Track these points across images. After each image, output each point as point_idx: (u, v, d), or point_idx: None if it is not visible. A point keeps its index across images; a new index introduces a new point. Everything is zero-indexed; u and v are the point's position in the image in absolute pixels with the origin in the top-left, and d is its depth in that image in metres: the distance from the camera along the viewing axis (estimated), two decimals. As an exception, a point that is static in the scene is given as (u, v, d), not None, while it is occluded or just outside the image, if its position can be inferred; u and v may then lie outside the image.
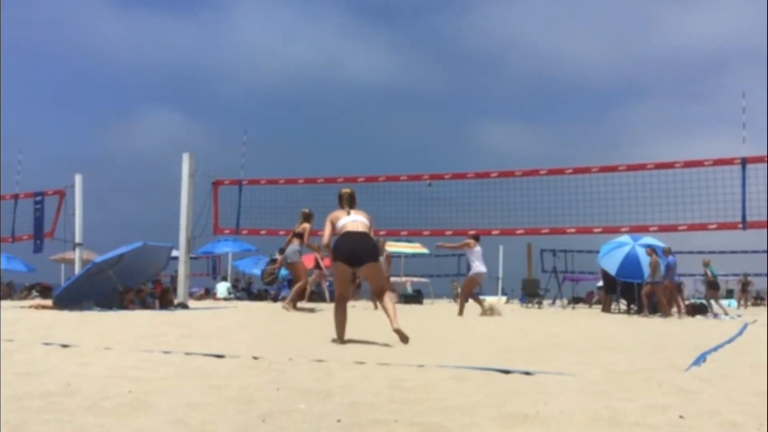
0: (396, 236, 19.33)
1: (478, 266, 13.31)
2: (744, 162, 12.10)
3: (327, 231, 6.75)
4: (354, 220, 6.66)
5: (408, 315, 12.60)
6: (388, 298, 6.79)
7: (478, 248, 13.30)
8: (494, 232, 14.18)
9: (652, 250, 15.43)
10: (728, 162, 12.37)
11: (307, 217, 12.11)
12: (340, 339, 6.46)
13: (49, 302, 13.04)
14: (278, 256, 15.95)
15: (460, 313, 12.77)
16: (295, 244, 12.12)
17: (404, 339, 6.37)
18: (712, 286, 17.99)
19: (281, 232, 15.14)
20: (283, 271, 16.78)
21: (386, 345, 6.19)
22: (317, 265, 18.10)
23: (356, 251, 6.52)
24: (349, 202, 6.86)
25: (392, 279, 23.93)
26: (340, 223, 6.65)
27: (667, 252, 15.86)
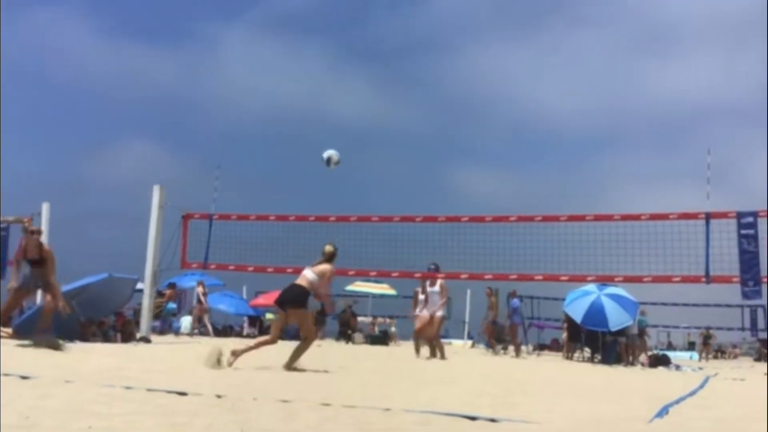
0: (365, 276, 19.32)
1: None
2: (708, 217, 12.36)
3: None
4: (302, 273, 8.06)
5: (374, 356, 12.54)
6: (303, 344, 7.92)
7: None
8: (463, 276, 14.25)
9: (491, 290, 17.42)
10: (693, 216, 12.62)
11: None
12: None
13: (8, 331, 12.75)
14: (167, 290, 15.84)
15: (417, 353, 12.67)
16: None
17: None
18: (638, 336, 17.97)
19: (250, 268, 15.07)
20: (170, 305, 16.57)
21: (352, 386, 6.15)
22: (198, 300, 18.67)
23: (282, 297, 8.03)
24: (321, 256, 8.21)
25: (359, 318, 23.83)
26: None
27: (512, 295, 17.33)
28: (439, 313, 12.80)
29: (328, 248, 8.28)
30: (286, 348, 8.27)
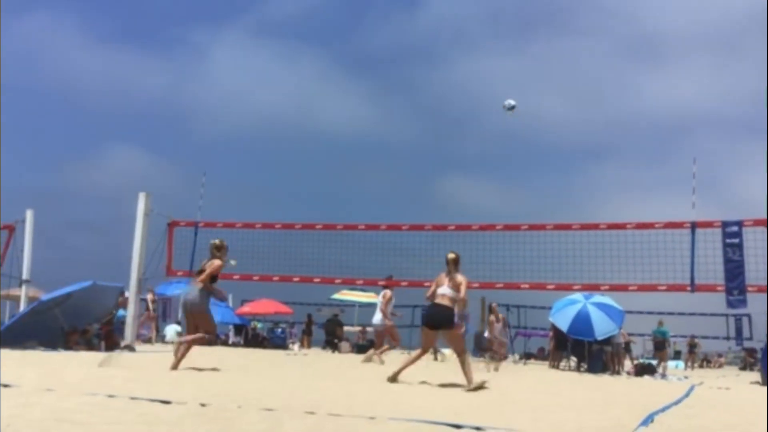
0: (351, 285, 19.25)
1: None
2: (694, 226, 12.41)
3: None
4: (439, 292, 8.13)
5: (360, 365, 12.49)
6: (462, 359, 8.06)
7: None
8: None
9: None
10: (678, 225, 12.67)
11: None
12: None
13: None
14: (120, 298, 15.60)
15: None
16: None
17: None
18: (659, 347, 18.28)
19: (236, 276, 14.98)
20: (121, 312, 16.36)
21: (337, 395, 6.11)
22: (146, 307, 18.81)
23: (431, 321, 8.32)
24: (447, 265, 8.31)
25: (345, 328, 23.76)
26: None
27: None
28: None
29: (451, 255, 8.41)
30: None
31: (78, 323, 12.49)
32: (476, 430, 4.25)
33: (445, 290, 8.11)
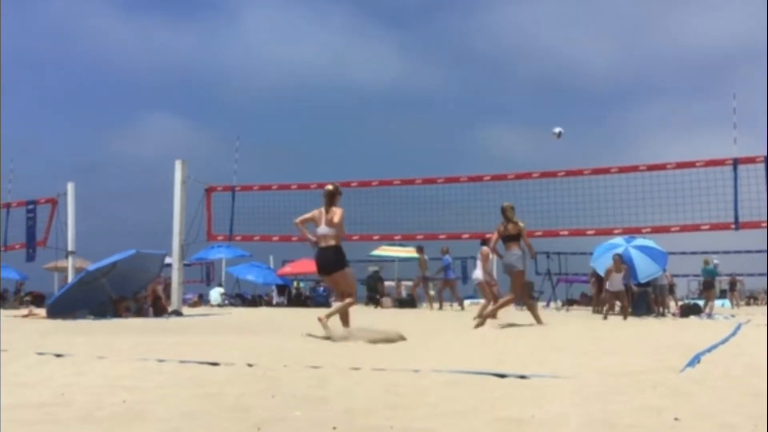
0: (389, 240, 19.35)
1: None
2: (736, 162, 12.16)
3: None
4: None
5: (403, 319, 12.60)
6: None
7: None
8: (488, 236, 14.19)
9: (420, 248, 19.01)
10: (720, 163, 12.43)
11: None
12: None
13: (42, 311, 13.00)
14: None
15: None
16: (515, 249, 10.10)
17: None
18: (707, 286, 18.07)
19: (275, 238, 15.12)
20: None
21: (381, 351, 6.18)
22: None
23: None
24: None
25: (386, 283, 23.93)
26: None
27: (444, 251, 18.15)
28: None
29: (329, 188, 8.01)
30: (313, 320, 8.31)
31: (125, 292, 12.78)
32: (521, 378, 4.27)
33: (323, 230, 7.77)
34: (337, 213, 7.76)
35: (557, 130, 13.19)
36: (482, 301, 13.60)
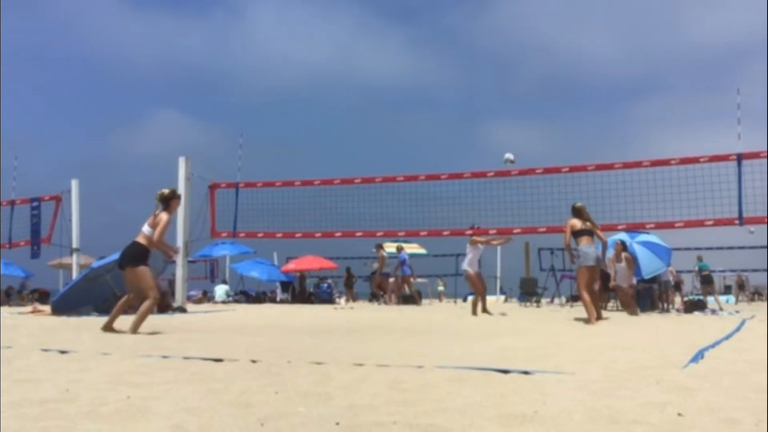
0: (393, 237, 19.35)
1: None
2: (740, 158, 12.13)
3: None
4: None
5: (406, 315, 12.61)
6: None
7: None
8: (492, 232, 14.19)
9: (379, 246, 19.47)
10: (724, 158, 12.40)
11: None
12: None
13: (46, 308, 13.03)
14: None
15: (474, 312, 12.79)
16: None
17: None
18: (706, 281, 18.04)
19: (279, 235, 15.13)
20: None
21: (386, 347, 6.19)
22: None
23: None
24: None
25: (390, 279, 23.98)
26: None
27: (399, 249, 19.09)
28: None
29: (164, 192, 8.07)
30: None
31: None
32: (524, 373, 4.27)
33: (144, 228, 7.99)
34: (162, 220, 7.90)
35: (509, 156, 14.61)
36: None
